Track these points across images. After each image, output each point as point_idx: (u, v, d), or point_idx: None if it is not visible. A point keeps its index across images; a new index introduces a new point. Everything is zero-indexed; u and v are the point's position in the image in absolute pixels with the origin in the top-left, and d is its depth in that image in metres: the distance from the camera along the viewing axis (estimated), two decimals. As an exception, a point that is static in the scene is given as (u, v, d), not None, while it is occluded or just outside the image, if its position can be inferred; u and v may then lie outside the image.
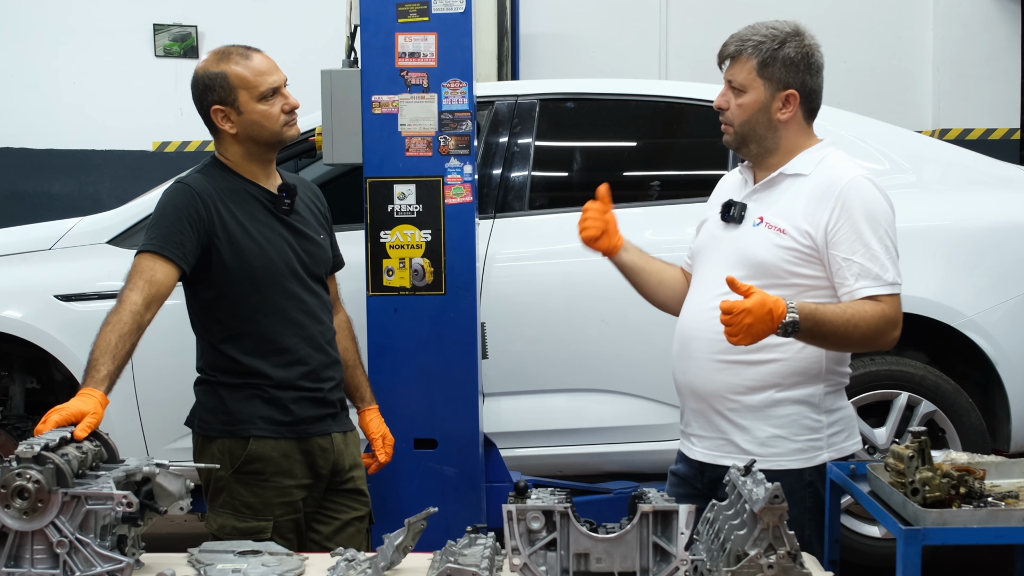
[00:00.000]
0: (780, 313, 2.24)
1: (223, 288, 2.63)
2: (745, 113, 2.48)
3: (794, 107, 2.48)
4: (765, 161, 2.53)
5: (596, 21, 8.08)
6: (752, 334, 2.24)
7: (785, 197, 2.47)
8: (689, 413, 2.58)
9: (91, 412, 2.14)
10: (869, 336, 2.37)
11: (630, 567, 1.89)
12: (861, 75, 7.85)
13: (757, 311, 2.22)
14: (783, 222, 2.44)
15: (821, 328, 2.31)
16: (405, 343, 3.36)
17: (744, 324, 2.22)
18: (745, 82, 2.47)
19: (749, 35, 2.49)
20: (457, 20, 3.30)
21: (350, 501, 2.81)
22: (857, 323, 2.34)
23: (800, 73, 2.47)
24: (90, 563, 1.90)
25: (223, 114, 2.66)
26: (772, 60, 2.45)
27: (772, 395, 2.45)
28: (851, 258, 2.37)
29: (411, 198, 3.34)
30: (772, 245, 2.43)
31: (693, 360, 2.50)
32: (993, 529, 2.05)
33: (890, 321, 2.38)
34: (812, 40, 2.51)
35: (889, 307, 2.38)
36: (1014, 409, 3.74)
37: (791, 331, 2.27)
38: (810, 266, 2.42)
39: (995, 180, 4.03)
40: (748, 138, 2.51)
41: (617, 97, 4.12)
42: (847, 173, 2.44)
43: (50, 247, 3.85)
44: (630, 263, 2.73)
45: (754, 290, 2.26)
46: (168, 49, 8.10)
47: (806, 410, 2.46)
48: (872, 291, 2.37)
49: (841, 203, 2.39)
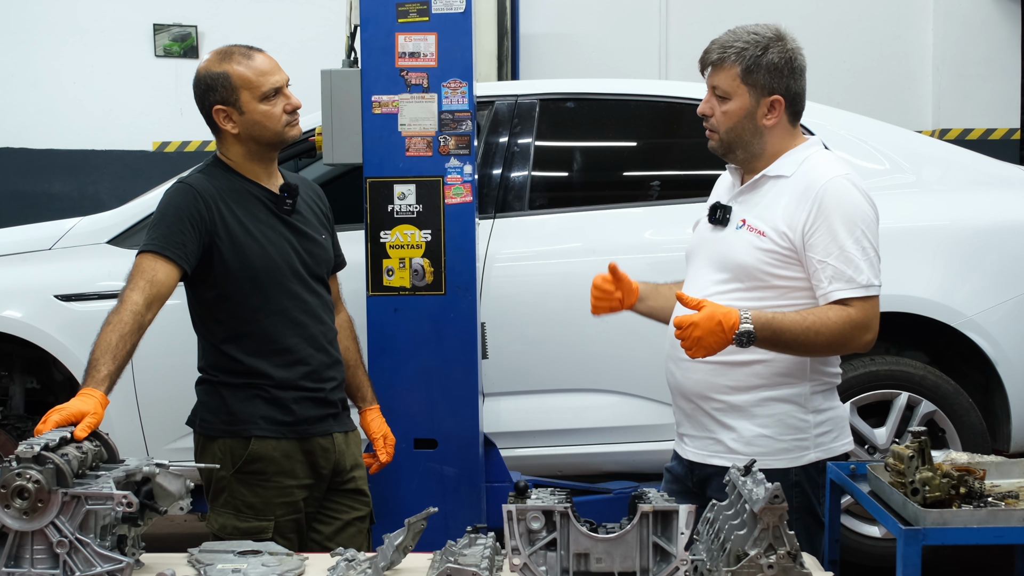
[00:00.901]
0: (731, 325, 2.28)
1: (224, 288, 2.63)
2: (730, 120, 2.47)
3: (779, 112, 2.47)
4: (751, 164, 2.53)
5: (596, 21, 8.08)
6: (704, 346, 2.29)
7: (767, 199, 2.47)
8: (679, 413, 2.60)
9: (91, 412, 2.14)
10: (834, 342, 2.36)
11: (630, 567, 1.89)
12: (861, 75, 7.86)
13: (705, 324, 2.27)
14: (763, 224, 2.44)
15: (780, 336, 2.32)
16: (405, 343, 3.36)
17: (694, 337, 2.28)
18: (729, 89, 2.46)
19: (731, 41, 2.46)
20: (457, 20, 3.30)
21: (351, 501, 2.81)
22: (819, 330, 2.33)
23: (784, 78, 2.46)
24: (90, 563, 1.90)
25: (225, 114, 2.66)
26: (756, 67, 2.44)
27: (757, 395, 2.45)
28: (825, 260, 2.36)
29: (411, 198, 3.34)
30: (752, 248, 2.43)
31: (681, 361, 2.50)
32: (993, 529, 2.05)
33: (858, 325, 2.36)
34: (794, 43, 2.49)
35: (858, 311, 2.36)
36: (1014, 409, 3.74)
37: (746, 341, 2.30)
38: (789, 268, 2.42)
39: (995, 180, 4.03)
40: (734, 144, 2.50)
41: (617, 97, 4.12)
42: (826, 174, 2.42)
43: (50, 247, 3.85)
44: (647, 311, 2.72)
45: (704, 304, 2.31)
46: (168, 49, 8.10)
47: (792, 409, 2.46)
48: (844, 293, 2.35)
49: (818, 204, 2.38)
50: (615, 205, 3.98)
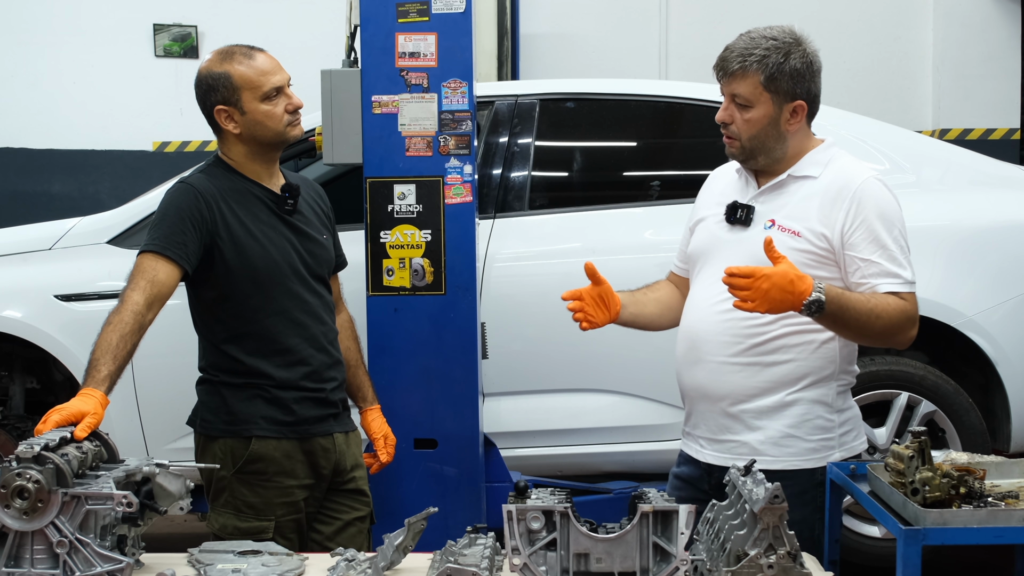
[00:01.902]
0: (805, 289, 2.22)
1: (225, 288, 2.63)
2: (753, 128, 2.45)
3: (802, 117, 2.46)
4: (771, 168, 2.51)
5: (596, 21, 8.08)
6: (769, 300, 2.20)
7: (795, 199, 2.46)
8: (697, 416, 2.56)
9: (91, 412, 2.14)
10: (889, 329, 2.36)
11: (630, 567, 1.89)
12: (861, 75, 7.85)
13: (779, 279, 2.20)
14: (796, 224, 2.43)
15: (845, 313, 2.29)
16: (405, 343, 3.36)
17: (762, 289, 2.19)
18: (751, 97, 2.43)
19: (751, 48, 2.42)
20: (457, 20, 3.30)
21: (351, 501, 2.81)
22: (880, 314, 2.33)
23: (806, 82, 2.45)
24: (90, 563, 1.90)
25: (226, 114, 2.66)
26: (779, 74, 2.41)
27: (786, 395, 2.44)
28: (870, 259, 2.37)
29: (411, 198, 3.34)
30: (786, 248, 2.38)
31: (703, 363, 2.49)
32: (993, 529, 2.05)
33: (910, 318, 2.39)
34: (811, 45, 2.48)
35: (910, 304, 2.39)
36: (1014, 409, 3.74)
37: (815, 310, 2.24)
38: (825, 268, 2.41)
39: (995, 180, 4.03)
40: (756, 151, 2.48)
41: (617, 97, 4.12)
42: (859, 175, 2.44)
43: (50, 247, 3.85)
44: (630, 319, 2.65)
45: (785, 260, 2.25)
46: (168, 49, 8.10)
47: (820, 409, 2.46)
48: (895, 288, 2.37)
49: (856, 204, 2.39)
50: (615, 205, 3.98)
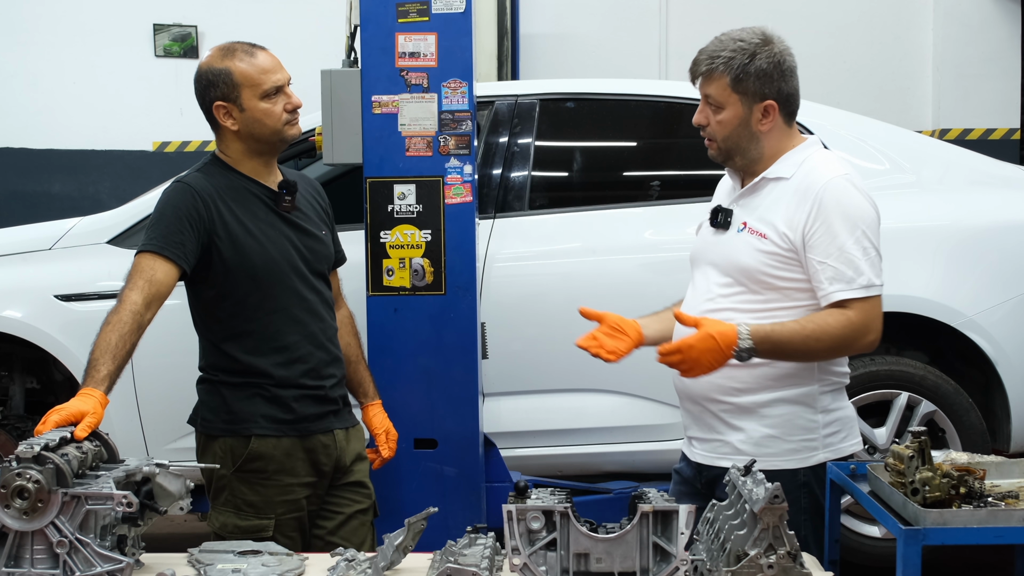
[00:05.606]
0: (730, 342, 2.29)
1: (224, 287, 2.63)
2: (726, 129, 2.47)
3: (774, 117, 2.46)
4: (751, 168, 2.52)
5: (596, 21, 8.08)
6: (703, 364, 2.30)
7: (767, 201, 2.46)
8: (687, 416, 2.59)
9: (91, 412, 2.14)
10: (836, 346, 2.37)
11: (630, 567, 1.89)
12: (861, 75, 7.86)
13: (701, 344, 2.28)
14: (764, 226, 2.43)
15: (781, 348, 2.34)
16: (405, 343, 3.36)
17: (692, 358, 2.29)
18: (721, 99, 2.45)
19: (718, 51, 2.45)
20: (457, 20, 3.30)
21: (352, 494, 2.81)
22: (819, 336, 2.33)
23: (775, 82, 2.45)
24: (90, 563, 1.90)
25: (225, 110, 2.66)
26: (745, 75, 2.42)
27: (765, 396, 2.44)
28: (825, 261, 2.36)
29: (411, 198, 3.34)
30: (754, 250, 2.42)
31: None
32: (993, 529, 2.05)
33: (858, 328, 2.36)
34: (782, 45, 2.47)
35: (857, 313, 2.35)
36: (1014, 409, 3.74)
37: (747, 356, 2.31)
38: (791, 269, 2.41)
39: (995, 180, 4.03)
40: (732, 152, 2.50)
41: (617, 97, 4.12)
42: (825, 174, 2.42)
43: (50, 247, 3.85)
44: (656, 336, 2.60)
45: (702, 322, 2.31)
46: (168, 49, 8.10)
47: (801, 410, 2.45)
48: (844, 295, 2.35)
49: (818, 205, 2.38)
50: (615, 205, 3.97)
